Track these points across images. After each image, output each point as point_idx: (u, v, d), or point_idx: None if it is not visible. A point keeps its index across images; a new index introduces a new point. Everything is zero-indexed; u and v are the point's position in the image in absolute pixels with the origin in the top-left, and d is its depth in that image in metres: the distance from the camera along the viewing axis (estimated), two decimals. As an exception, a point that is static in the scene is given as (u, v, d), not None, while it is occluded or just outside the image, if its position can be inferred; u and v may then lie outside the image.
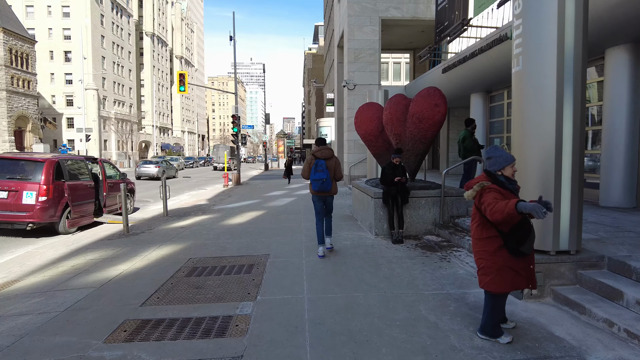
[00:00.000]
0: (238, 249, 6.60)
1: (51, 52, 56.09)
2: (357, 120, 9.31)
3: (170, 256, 6.26)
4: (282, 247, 6.65)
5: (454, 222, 7.18)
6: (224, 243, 7.06)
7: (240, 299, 4.29)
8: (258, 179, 27.33)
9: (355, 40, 17.17)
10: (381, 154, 9.17)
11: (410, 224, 7.24)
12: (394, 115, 7.87)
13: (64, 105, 56.99)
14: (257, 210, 11.27)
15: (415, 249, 6.38)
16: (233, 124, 22.62)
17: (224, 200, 13.96)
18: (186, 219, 9.94)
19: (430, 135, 7.33)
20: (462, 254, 5.82)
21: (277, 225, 8.77)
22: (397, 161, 6.86)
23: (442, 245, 6.44)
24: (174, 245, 6.99)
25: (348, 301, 4.17)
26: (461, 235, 6.41)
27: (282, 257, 6.00)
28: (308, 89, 73.59)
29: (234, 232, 8.10)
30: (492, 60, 10.34)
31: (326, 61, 41.40)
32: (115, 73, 64.74)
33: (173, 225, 9.07)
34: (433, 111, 7.14)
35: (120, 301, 4.34)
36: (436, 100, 7.16)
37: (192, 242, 7.20)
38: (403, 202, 6.92)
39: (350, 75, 17.23)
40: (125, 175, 11.92)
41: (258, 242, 7.02)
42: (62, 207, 8.61)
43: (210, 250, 6.58)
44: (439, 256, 5.88)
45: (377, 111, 9.03)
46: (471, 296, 4.27)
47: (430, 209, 7.28)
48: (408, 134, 7.66)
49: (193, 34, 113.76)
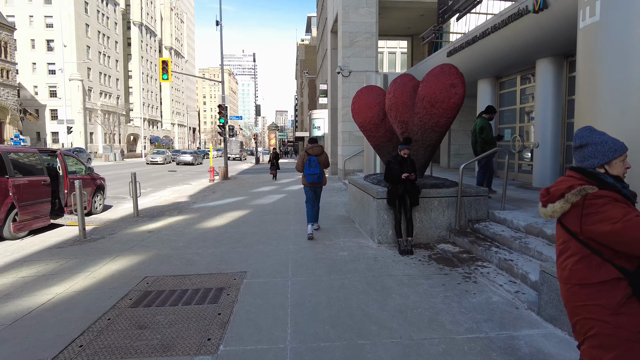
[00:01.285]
0: (209, 262, 5.30)
1: (32, 40, 53.75)
2: (354, 107, 8.02)
3: (123, 273, 4.96)
4: (263, 260, 5.37)
5: (473, 227, 5.94)
6: (193, 254, 5.76)
7: (195, 349, 3.01)
8: (248, 172, 25.96)
9: (350, 22, 15.80)
10: (382, 145, 7.90)
11: (420, 229, 6.00)
12: (400, 99, 6.59)
13: (47, 96, 54.79)
14: (241, 209, 9.96)
15: (429, 262, 5.14)
16: (220, 114, 21.19)
17: (206, 197, 12.64)
18: (158, 221, 8.63)
19: (444, 122, 6.07)
20: (490, 271, 4.59)
21: (261, 229, 7.49)
22: (406, 153, 5.59)
23: (462, 257, 5.20)
24: (132, 257, 5.68)
25: (349, 356, 2.90)
26: (485, 245, 5.18)
27: (262, 275, 4.72)
28: (300, 80, 71.95)
29: (208, 238, 6.80)
30: (507, 40, 9.07)
31: (319, 51, 39.97)
32: (102, 63, 62.49)
33: (140, 229, 7.75)
34: (448, 92, 5.87)
35: (23, 354, 3.04)
36: (452, 79, 5.90)
37: (156, 253, 5.90)
38: (412, 204, 5.66)
39: (345, 61, 15.88)
40: (92, 169, 10.52)
41: (235, 253, 5.73)
42: (6, 208, 7.24)
43: (174, 264, 5.28)
44: (461, 274, 4.64)
45: (378, 95, 7.74)
46: (522, 344, 3.03)
47: (444, 211, 6.04)
48: (417, 121, 6.39)
49: (183, 24, 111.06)
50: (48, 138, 53.74)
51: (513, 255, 4.66)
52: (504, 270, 4.53)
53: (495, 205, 6.34)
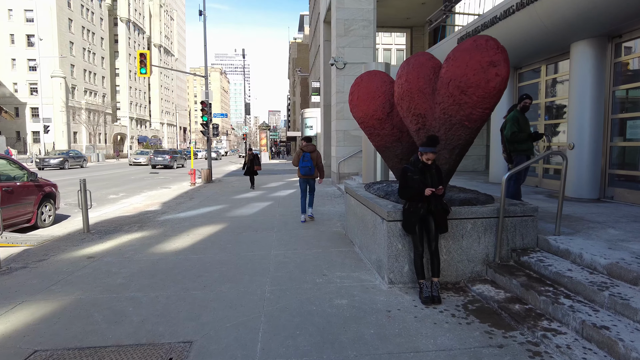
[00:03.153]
0: (143, 319, 3.59)
1: (12, 35, 51.32)
2: (352, 97, 6.36)
3: (7, 341, 3.25)
4: (224, 315, 3.66)
5: (519, 260, 4.30)
6: (128, 301, 4.05)
7: None
8: (235, 175, 24.16)
9: (345, 9, 14.14)
10: (389, 146, 6.24)
11: (447, 262, 4.35)
12: (415, 85, 4.94)
13: (28, 93, 52.36)
14: (215, 223, 8.25)
15: (468, 318, 3.49)
16: (202, 111, 19.47)
17: (180, 206, 10.89)
18: (109, 239, 6.91)
19: (478, 114, 4.42)
20: (571, 343, 2.95)
21: (232, 254, 5.78)
22: (430, 159, 3.94)
23: (514, 311, 3.55)
24: (39, 306, 3.95)
25: None
26: (547, 291, 3.53)
27: (214, 353, 3.01)
28: (293, 79, 70.26)
29: (160, 270, 5.08)
30: (538, 19, 7.48)
31: (311, 49, 38.40)
32: (86, 60, 60.10)
33: (80, 253, 6.02)
34: (486, 74, 4.22)
35: None
36: (491, 55, 4.25)
37: (77, 298, 4.18)
38: (439, 230, 4.00)
39: (340, 51, 14.21)
40: (35, 175, 8.73)
41: (187, 300, 4.02)
42: None
43: (93, 321, 3.57)
44: (524, 346, 3.00)
45: (384, 83, 6.09)
46: None
47: (479, 238, 4.39)
48: (439, 113, 4.74)
49: (173, 21, 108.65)
50: (29, 138, 51.39)
51: (603, 317, 3.03)
52: (593, 342, 2.89)
53: (542, 227, 4.71)
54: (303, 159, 8.09)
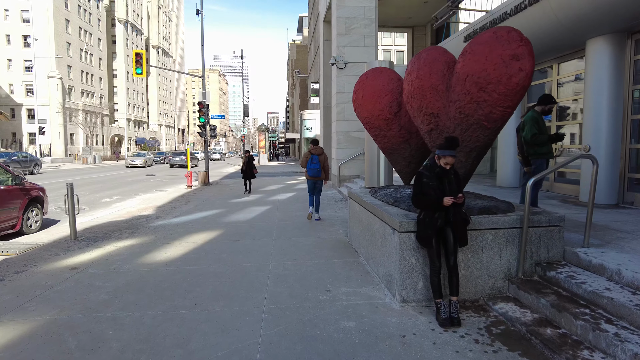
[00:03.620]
0: (123, 347, 3.14)
1: (8, 35, 50.74)
2: (357, 97, 5.94)
3: (-36, 373, 2.80)
4: (217, 341, 3.21)
5: (545, 275, 3.87)
6: (109, 322, 3.60)
7: None
8: (233, 177, 23.70)
9: (346, 7, 13.73)
10: (396, 149, 5.82)
11: (465, 278, 3.91)
12: (427, 82, 4.51)
13: (24, 95, 51.77)
14: (210, 229, 7.80)
15: (494, 345, 3.05)
16: (200, 112, 19.00)
17: (175, 210, 10.45)
18: (96, 247, 6.46)
19: (499, 113, 3.99)
20: (620, 379, 2.51)
21: (227, 266, 5.33)
22: (448, 163, 3.50)
23: (546, 336, 3.12)
24: (5, 330, 3.49)
25: None
26: (583, 314, 3.10)
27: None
28: (292, 81, 69.81)
29: (148, 284, 4.63)
30: (552, 14, 7.07)
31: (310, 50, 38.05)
32: (83, 61, 59.55)
33: (63, 263, 5.57)
34: (508, 68, 3.80)
35: None
36: (513, 48, 3.83)
37: (52, 318, 3.73)
38: (458, 243, 3.57)
39: (340, 50, 13.80)
40: (21, 178, 8.27)
41: (174, 322, 3.57)
42: None
43: (65, 349, 3.12)
44: (565, 383, 2.57)
45: (391, 80, 5.67)
46: None
47: (501, 250, 3.96)
48: (454, 113, 4.31)
49: (171, 23, 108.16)
50: (24, 139, 50.84)
51: (657, 348, 2.59)
52: (648, 379, 2.45)
53: (567, 238, 4.28)
54: (311, 161, 8.39)
